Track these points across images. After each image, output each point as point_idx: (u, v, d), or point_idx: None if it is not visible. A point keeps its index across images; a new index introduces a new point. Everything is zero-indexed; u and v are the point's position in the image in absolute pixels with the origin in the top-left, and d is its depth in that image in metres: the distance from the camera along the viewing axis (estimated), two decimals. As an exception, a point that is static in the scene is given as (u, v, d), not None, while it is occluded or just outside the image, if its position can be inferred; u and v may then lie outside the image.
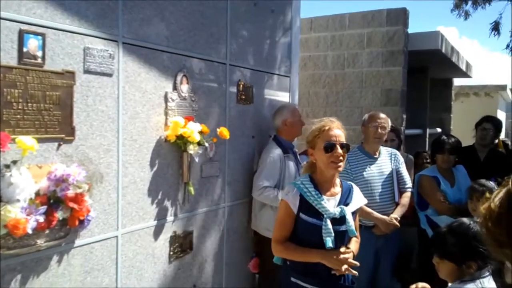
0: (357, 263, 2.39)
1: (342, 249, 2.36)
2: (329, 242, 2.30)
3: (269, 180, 3.57)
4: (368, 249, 3.40)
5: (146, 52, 2.83)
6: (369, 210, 3.42)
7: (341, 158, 2.39)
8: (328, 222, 2.33)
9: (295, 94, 4.58)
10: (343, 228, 2.39)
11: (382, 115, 3.70)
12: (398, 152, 3.83)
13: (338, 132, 2.44)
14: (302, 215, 2.38)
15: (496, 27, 7.30)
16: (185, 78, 3.11)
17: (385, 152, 3.72)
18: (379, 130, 3.60)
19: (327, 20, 6.32)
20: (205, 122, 3.23)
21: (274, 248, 2.49)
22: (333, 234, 2.32)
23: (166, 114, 2.98)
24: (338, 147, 2.39)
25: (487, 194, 1.70)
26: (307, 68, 6.44)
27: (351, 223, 2.40)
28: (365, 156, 3.61)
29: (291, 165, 3.69)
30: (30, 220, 2.01)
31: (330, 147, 2.38)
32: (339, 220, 2.38)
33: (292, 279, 2.42)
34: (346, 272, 2.36)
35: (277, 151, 3.66)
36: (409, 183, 3.75)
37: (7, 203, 1.98)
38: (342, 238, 2.41)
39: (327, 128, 2.43)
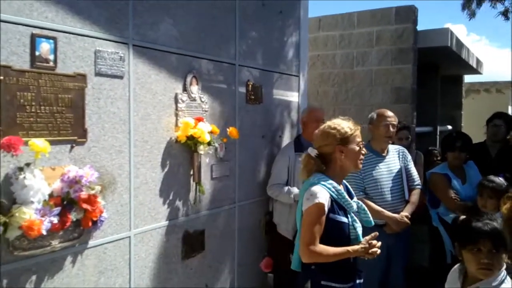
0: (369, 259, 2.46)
1: (368, 237, 2.42)
2: (361, 236, 2.43)
3: (278, 179, 3.73)
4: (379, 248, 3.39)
5: (156, 54, 2.85)
6: (379, 208, 3.41)
7: None
8: (354, 216, 2.46)
9: (304, 93, 4.58)
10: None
11: (391, 113, 3.68)
12: (405, 150, 3.81)
13: None
14: (331, 215, 2.38)
15: (505, 13, 7.41)
16: (195, 79, 3.13)
17: (393, 150, 3.69)
18: (391, 129, 3.59)
19: (335, 19, 6.31)
20: (215, 122, 3.25)
21: (309, 253, 2.33)
22: (361, 227, 2.46)
23: (176, 115, 3.00)
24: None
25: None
26: (316, 67, 6.43)
27: (369, 214, 2.55)
28: (373, 155, 3.59)
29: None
30: (45, 222, 2.05)
31: (361, 147, 2.51)
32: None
33: (323, 282, 2.38)
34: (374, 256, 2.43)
35: (287, 151, 3.79)
36: (417, 180, 3.73)
37: (22, 205, 2.01)
38: None
39: (357, 128, 2.53)
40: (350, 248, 2.36)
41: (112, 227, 2.59)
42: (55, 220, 2.11)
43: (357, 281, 2.49)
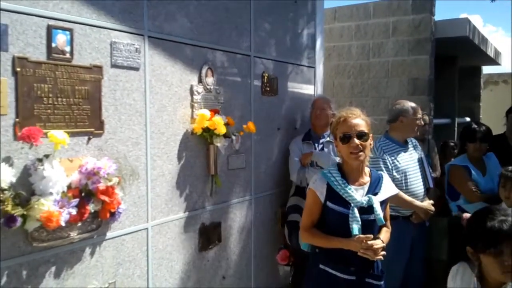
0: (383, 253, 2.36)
1: (362, 236, 2.31)
2: (355, 230, 2.30)
3: (297, 162, 3.75)
4: (406, 239, 3.41)
5: (171, 45, 2.84)
6: (409, 199, 3.37)
7: (360, 147, 2.37)
8: (355, 210, 2.33)
9: (319, 85, 4.54)
10: (371, 217, 2.37)
11: None
12: (416, 140, 3.81)
13: (356, 122, 2.41)
14: (329, 204, 2.39)
15: None
16: (210, 70, 3.12)
17: (408, 141, 3.68)
18: (422, 121, 3.70)
19: (351, 9, 6.24)
20: (231, 114, 3.22)
21: (301, 235, 2.55)
22: (360, 222, 2.32)
23: (192, 107, 2.99)
24: (354, 138, 2.37)
25: None
26: (331, 58, 6.37)
27: (379, 212, 2.37)
28: (397, 145, 3.54)
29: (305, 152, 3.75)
30: (63, 213, 2.05)
31: (346, 138, 2.39)
32: (367, 210, 2.37)
33: (321, 266, 2.44)
34: (375, 258, 2.33)
35: (296, 139, 3.85)
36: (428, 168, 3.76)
37: (41, 196, 2.02)
38: (371, 228, 2.38)
39: (343, 119, 2.43)
40: (342, 239, 2.35)
41: (129, 218, 2.59)
42: (74, 211, 2.11)
43: (366, 280, 2.42)
